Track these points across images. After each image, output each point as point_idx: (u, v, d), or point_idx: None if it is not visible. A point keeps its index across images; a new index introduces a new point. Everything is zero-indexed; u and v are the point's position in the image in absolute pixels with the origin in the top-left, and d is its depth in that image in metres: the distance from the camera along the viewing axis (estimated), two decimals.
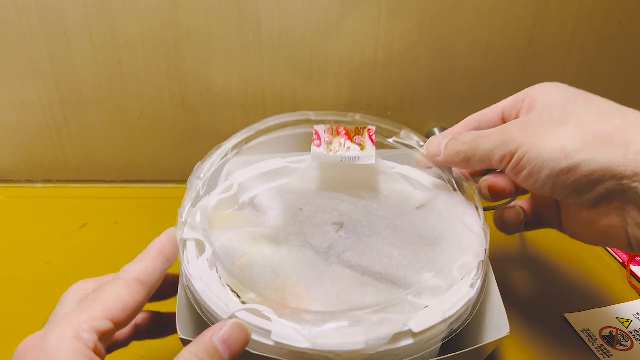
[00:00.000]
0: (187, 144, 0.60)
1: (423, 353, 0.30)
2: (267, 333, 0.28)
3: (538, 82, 0.61)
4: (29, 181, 0.62)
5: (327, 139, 0.39)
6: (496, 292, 0.35)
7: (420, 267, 0.34)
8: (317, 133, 0.39)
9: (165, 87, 0.56)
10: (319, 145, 0.39)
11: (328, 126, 0.39)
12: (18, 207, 0.57)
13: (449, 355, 0.30)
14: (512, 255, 0.50)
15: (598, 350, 0.39)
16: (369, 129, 0.39)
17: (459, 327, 0.31)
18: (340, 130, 0.39)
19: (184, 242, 0.34)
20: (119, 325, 0.26)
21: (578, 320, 0.42)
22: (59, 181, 0.62)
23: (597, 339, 0.40)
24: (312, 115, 0.40)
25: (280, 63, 0.55)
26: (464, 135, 0.35)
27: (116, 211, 0.56)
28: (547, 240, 0.51)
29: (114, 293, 0.27)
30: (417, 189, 0.42)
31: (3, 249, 0.50)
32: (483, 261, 0.34)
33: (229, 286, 0.32)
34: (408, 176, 0.43)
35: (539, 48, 0.56)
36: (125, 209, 0.56)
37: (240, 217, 0.38)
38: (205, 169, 0.37)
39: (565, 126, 0.30)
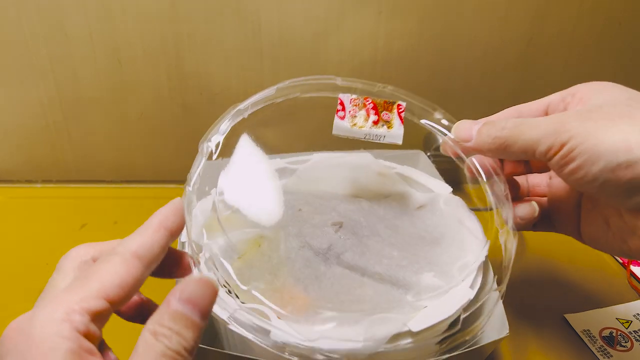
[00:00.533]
0: (187, 144, 0.60)
1: (422, 353, 0.30)
2: (266, 333, 0.28)
3: (539, 83, 0.61)
4: (29, 181, 0.62)
5: (352, 111, 0.36)
6: (495, 292, 0.35)
7: (420, 268, 0.34)
8: (341, 103, 0.36)
9: (165, 87, 0.56)
10: (343, 118, 0.36)
11: (354, 96, 0.36)
12: (18, 207, 0.57)
13: (448, 355, 0.30)
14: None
15: (598, 351, 0.39)
16: (399, 105, 0.36)
17: (458, 328, 0.31)
18: (367, 103, 0.36)
19: (182, 244, 0.33)
20: (115, 304, 0.24)
21: (578, 320, 0.42)
22: (58, 181, 0.61)
23: (597, 340, 0.40)
24: (338, 80, 0.37)
25: (280, 63, 0.55)
26: (504, 121, 0.31)
27: (116, 211, 0.56)
28: (547, 240, 0.51)
29: (110, 270, 0.24)
30: (417, 190, 0.42)
31: (2, 249, 0.50)
32: (483, 262, 0.34)
33: (228, 287, 0.32)
34: (407, 176, 0.43)
35: (539, 48, 0.56)
36: (125, 209, 0.56)
37: (239, 218, 0.38)
38: (220, 130, 0.34)
39: (629, 120, 0.28)
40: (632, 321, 0.42)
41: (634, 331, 0.41)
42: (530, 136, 0.30)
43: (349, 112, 0.36)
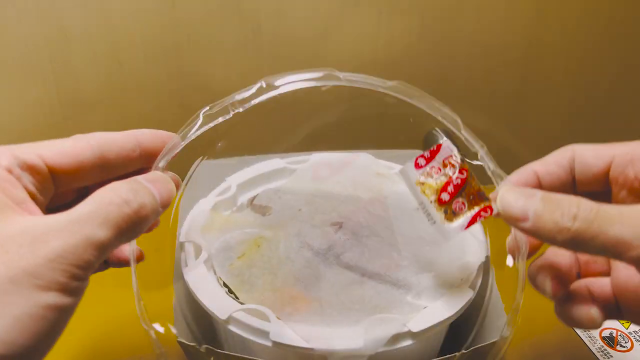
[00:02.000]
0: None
1: (422, 354, 0.30)
2: (265, 333, 0.28)
3: (540, 83, 0.61)
4: None
5: (434, 169, 0.29)
6: (496, 292, 0.35)
7: (420, 268, 0.34)
8: (433, 152, 0.29)
9: (165, 87, 0.56)
10: (419, 167, 0.29)
11: (456, 155, 0.28)
12: None
13: (448, 356, 0.30)
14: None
15: (598, 351, 0.39)
16: (487, 208, 0.27)
17: (458, 329, 0.31)
18: (458, 174, 0.28)
19: (181, 244, 0.33)
20: (54, 170, 0.24)
21: None
22: None
23: (597, 340, 0.40)
24: (339, 74, 0.31)
25: (280, 63, 0.55)
26: (573, 205, 0.23)
27: None
28: None
29: (50, 141, 0.25)
30: None
31: None
32: (483, 262, 0.34)
33: (227, 287, 0.32)
34: None
35: (540, 48, 0.55)
36: None
37: (239, 218, 0.38)
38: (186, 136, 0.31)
39: None
40: None
41: (634, 331, 0.41)
42: (614, 234, 0.22)
43: (431, 167, 0.29)
